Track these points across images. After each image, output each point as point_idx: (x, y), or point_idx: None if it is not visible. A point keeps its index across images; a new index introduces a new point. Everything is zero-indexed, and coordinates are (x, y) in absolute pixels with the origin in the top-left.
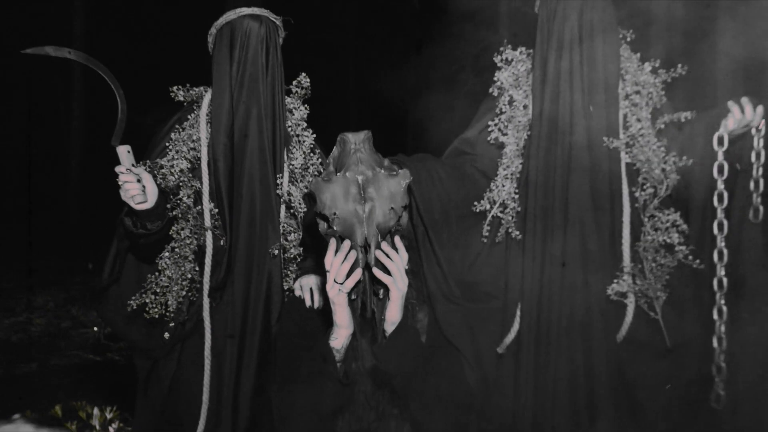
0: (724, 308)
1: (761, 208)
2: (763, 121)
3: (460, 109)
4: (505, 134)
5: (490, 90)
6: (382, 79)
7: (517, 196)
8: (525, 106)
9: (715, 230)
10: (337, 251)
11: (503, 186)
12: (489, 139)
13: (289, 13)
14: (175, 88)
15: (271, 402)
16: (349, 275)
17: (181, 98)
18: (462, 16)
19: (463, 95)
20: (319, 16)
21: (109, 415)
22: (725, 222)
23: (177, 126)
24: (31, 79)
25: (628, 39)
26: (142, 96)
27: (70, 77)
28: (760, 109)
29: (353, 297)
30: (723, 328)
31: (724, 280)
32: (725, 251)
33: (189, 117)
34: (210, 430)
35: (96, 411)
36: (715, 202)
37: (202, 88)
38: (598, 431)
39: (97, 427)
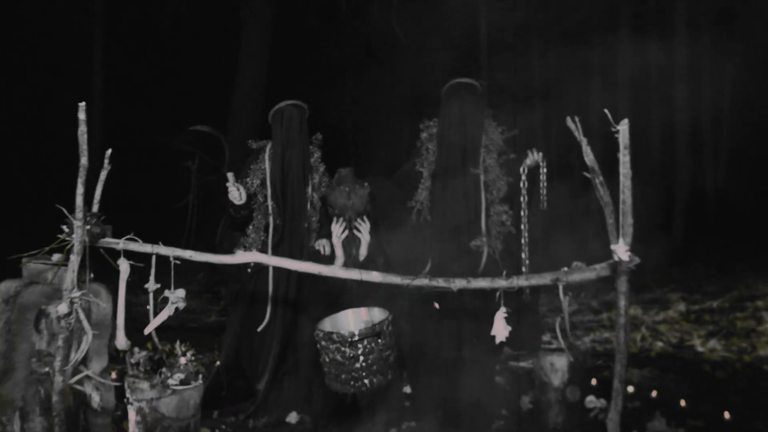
0: (527, 251)
1: (545, 203)
2: (545, 161)
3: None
4: (423, 167)
5: (417, 143)
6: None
7: (429, 198)
8: (434, 152)
9: (522, 213)
10: (337, 223)
11: (422, 193)
12: (416, 168)
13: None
14: (250, 141)
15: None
16: (343, 233)
17: (254, 146)
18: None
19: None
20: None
21: (183, 349)
22: (526, 209)
23: (254, 161)
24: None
25: (491, 113)
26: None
27: (91, 92)
28: (540, 154)
29: (344, 244)
30: (527, 262)
31: (527, 239)
32: (527, 224)
33: (259, 157)
34: (270, 321)
35: (177, 343)
36: (522, 199)
37: (264, 141)
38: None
39: (179, 354)
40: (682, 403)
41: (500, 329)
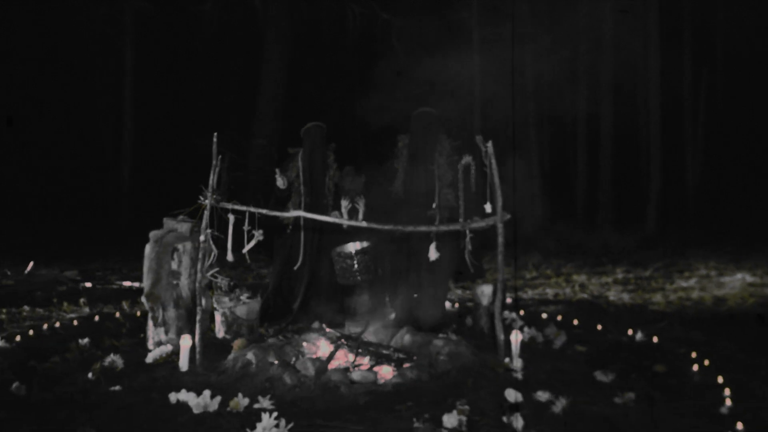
0: (462, 217)
1: (474, 187)
2: (474, 161)
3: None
4: (399, 165)
5: (395, 149)
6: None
7: (402, 185)
8: (406, 155)
9: (459, 194)
10: (344, 200)
11: (398, 182)
12: (394, 166)
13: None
14: (289, 148)
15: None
16: (348, 206)
17: (292, 152)
18: None
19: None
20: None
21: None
22: (463, 192)
23: (291, 160)
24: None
25: (443, 130)
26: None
27: (121, 93)
28: (471, 157)
29: (349, 213)
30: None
31: (463, 209)
32: (463, 201)
33: (295, 158)
34: (302, 263)
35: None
36: (459, 185)
37: (298, 148)
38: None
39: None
40: (575, 322)
41: (432, 253)
